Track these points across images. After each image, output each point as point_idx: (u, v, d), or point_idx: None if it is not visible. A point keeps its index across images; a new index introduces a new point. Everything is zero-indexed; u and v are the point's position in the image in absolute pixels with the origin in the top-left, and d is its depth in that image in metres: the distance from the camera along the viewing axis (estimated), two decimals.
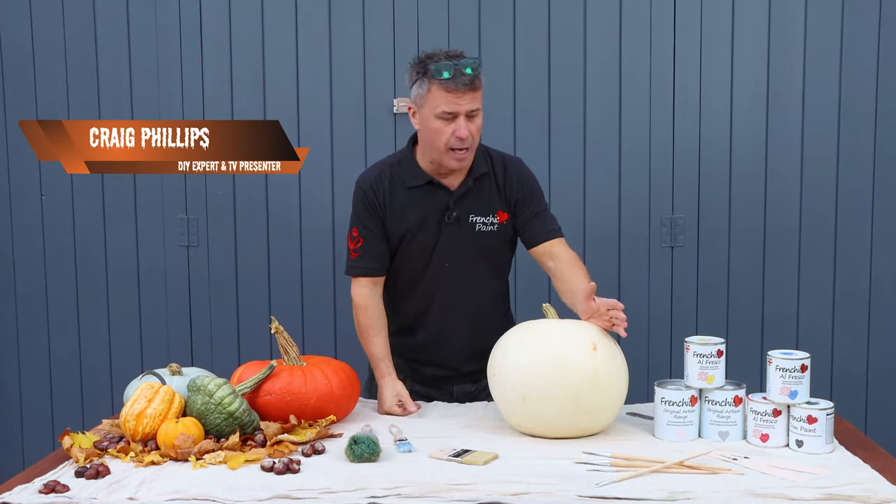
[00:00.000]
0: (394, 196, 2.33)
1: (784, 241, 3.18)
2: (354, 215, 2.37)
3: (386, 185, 2.34)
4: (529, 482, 1.67)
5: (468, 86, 2.18)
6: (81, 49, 3.27)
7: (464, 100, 2.19)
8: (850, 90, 3.13)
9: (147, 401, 1.89)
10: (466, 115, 2.21)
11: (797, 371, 1.89)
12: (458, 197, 2.33)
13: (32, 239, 3.37)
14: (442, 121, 2.21)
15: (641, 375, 2.93)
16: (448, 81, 2.17)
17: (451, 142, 2.22)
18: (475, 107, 2.22)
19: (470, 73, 2.18)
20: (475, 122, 2.24)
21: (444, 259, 2.34)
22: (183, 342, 3.33)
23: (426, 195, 2.33)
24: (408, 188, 2.33)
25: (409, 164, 2.35)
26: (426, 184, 2.32)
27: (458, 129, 2.21)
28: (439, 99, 2.20)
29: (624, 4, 3.14)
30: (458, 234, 2.33)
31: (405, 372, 2.42)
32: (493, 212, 2.36)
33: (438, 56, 2.22)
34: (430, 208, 2.33)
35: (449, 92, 2.18)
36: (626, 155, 3.18)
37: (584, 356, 1.93)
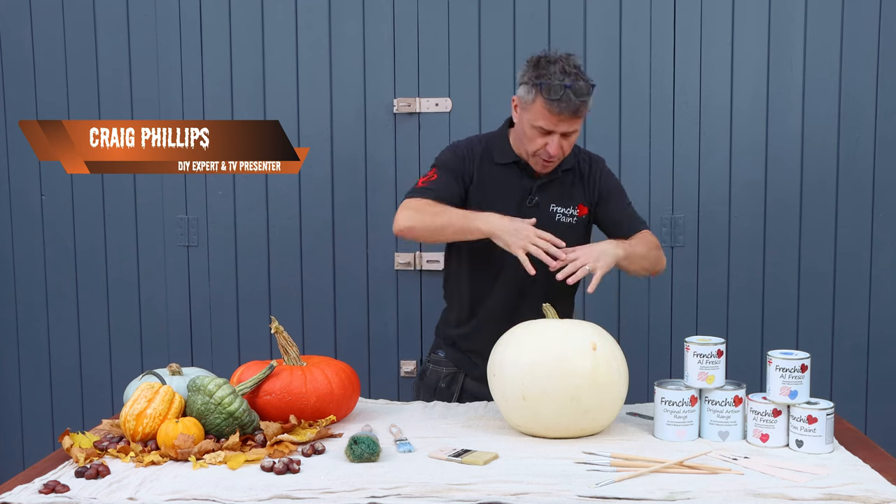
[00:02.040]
0: (482, 167, 2.35)
1: (784, 241, 3.18)
2: (440, 159, 2.36)
3: (477, 155, 2.35)
4: (529, 482, 1.67)
5: (572, 113, 2.18)
6: (81, 49, 3.27)
7: (563, 122, 2.20)
8: (850, 90, 3.13)
9: (147, 401, 1.89)
10: (562, 133, 2.22)
11: (797, 371, 1.89)
12: (542, 184, 2.35)
13: (32, 239, 3.37)
14: (537, 132, 2.23)
15: (641, 375, 2.94)
16: (553, 103, 2.17)
17: (541, 152, 2.25)
18: (573, 129, 2.23)
19: (577, 100, 2.16)
20: (569, 140, 2.26)
21: None
22: (183, 342, 3.33)
23: (511, 175, 2.35)
24: (495, 164, 2.35)
25: (502, 142, 2.37)
26: (513, 163, 2.34)
27: (549, 144, 2.23)
28: (540, 114, 2.20)
29: (624, 4, 3.14)
30: (537, 219, 2.29)
31: (461, 365, 2.44)
32: (574, 204, 2.38)
33: (553, 70, 2.17)
34: (512, 189, 2.34)
35: (551, 113, 2.18)
36: (625, 155, 3.18)
37: (584, 356, 1.93)
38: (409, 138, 3.20)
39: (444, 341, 2.50)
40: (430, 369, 2.51)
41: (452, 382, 2.46)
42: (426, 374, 2.51)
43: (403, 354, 3.26)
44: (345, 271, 3.26)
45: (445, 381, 2.46)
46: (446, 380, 2.46)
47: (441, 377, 2.47)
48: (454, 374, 2.46)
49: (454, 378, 2.46)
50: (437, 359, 2.51)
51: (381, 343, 3.27)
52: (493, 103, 3.17)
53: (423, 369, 2.54)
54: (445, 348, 2.49)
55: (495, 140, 2.39)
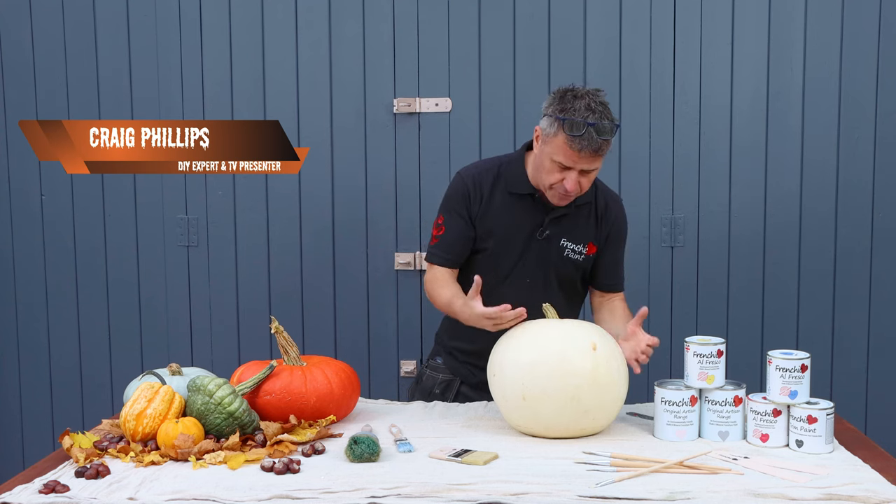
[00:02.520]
0: (493, 195, 2.31)
1: (784, 241, 3.18)
2: (445, 204, 2.36)
3: (489, 182, 2.31)
4: (529, 482, 1.67)
5: (594, 152, 2.13)
6: (81, 49, 3.27)
7: (584, 160, 2.15)
8: (850, 90, 3.13)
9: (147, 401, 1.89)
10: (581, 170, 2.17)
11: (797, 371, 1.89)
12: (555, 217, 2.31)
13: (32, 239, 3.37)
14: (556, 166, 2.18)
15: (641, 375, 2.92)
16: (575, 140, 2.11)
17: (557, 187, 2.20)
18: (594, 167, 2.18)
19: (600, 139, 2.11)
20: (588, 177, 2.21)
21: (526, 274, 2.32)
22: (183, 342, 3.33)
23: (524, 205, 2.31)
24: (509, 193, 2.31)
25: (518, 170, 2.32)
26: (527, 195, 2.30)
27: (567, 180, 2.17)
28: (560, 149, 2.14)
29: (624, 4, 3.14)
30: (546, 252, 2.31)
31: (458, 373, 2.43)
32: (585, 241, 2.35)
33: (578, 107, 2.11)
34: (524, 219, 2.31)
35: (572, 150, 2.13)
36: (625, 155, 3.18)
37: (583, 356, 1.93)
38: (409, 138, 3.20)
39: (443, 349, 2.49)
40: (427, 374, 2.50)
41: (447, 389, 2.45)
42: (423, 379, 2.51)
43: (403, 354, 3.26)
44: (345, 271, 3.26)
45: (440, 388, 2.45)
46: (441, 386, 2.45)
47: (437, 383, 2.46)
48: (450, 381, 2.45)
49: (449, 385, 2.45)
50: (434, 365, 2.50)
51: (381, 343, 3.27)
52: (493, 103, 3.17)
53: (420, 374, 2.54)
54: (444, 356, 2.48)
55: (512, 168, 2.33)
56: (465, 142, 3.17)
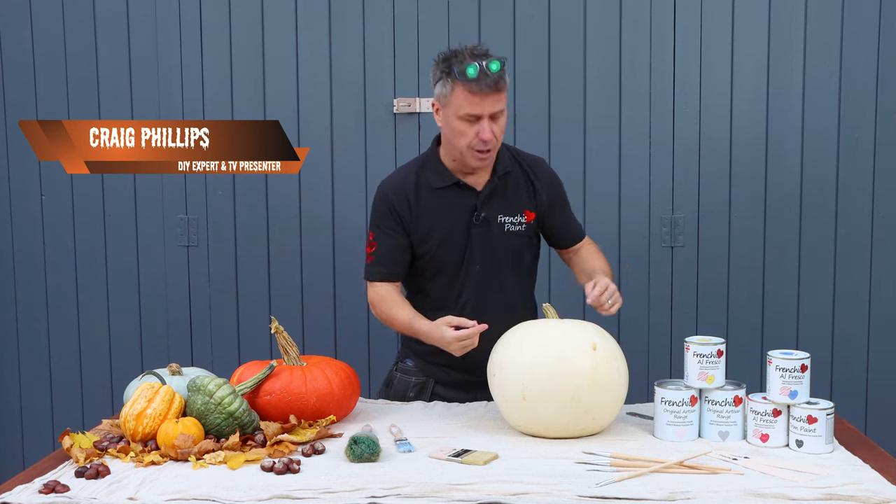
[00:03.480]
0: (419, 199, 2.30)
1: (784, 240, 3.18)
2: (373, 220, 2.35)
3: (411, 189, 2.30)
4: (529, 482, 1.67)
5: (492, 88, 2.13)
6: (81, 49, 3.27)
7: (487, 101, 2.14)
8: (850, 89, 3.13)
9: (147, 401, 1.89)
10: (490, 116, 2.17)
11: (797, 371, 1.89)
12: (486, 197, 2.30)
13: (32, 239, 3.37)
14: (465, 122, 2.17)
15: (641, 375, 2.94)
16: (472, 83, 2.12)
17: (474, 143, 2.19)
18: (499, 108, 2.18)
19: (495, 73, 2.12)
20: (499, 123, 2.20)
21: (474, 261, 2.31)
22: (183, 342, 3.33)
23: (453, 196, 2.30)
24: (434, 189, 2.30)
25: (434, 165, 2.32)
26: (452, 185, 2.29)
27: (481, 131, 2.17)
28: (462, 100, 2.15)
29: (624, 4, 3.14)
30: (487, 234, 2.31)
31: (433, 375, 2.41)
32: (521, 211, 2.34)
33: (463, 55, 2.15)
34: (457, 210, 2.30)
35: (473, 94, 2.13)
36: (626, 155, 3.18)
37: (584, 356, 1.93)
38: (409, 138, 3.20)
39: (412, 352, 2.44)
40: (399, 378, 2.45)
41: (422, 391, 2.41)
42: (394, 383, 2.45)
43: None
44: (345, 271, 3.26)
45: (415, 391, 2.41)
46: (415, 389, 2.41)
47: (410, 386, 2.42)
48: (424, 383, 2.42)
49: (424, 387, 2.42)
50: (405, 368, 2.45)
51: (381, 343, 3.26)
52: None
53: (390, 378, 2.48)
54: (415, 359, 2.43)
55: (428, 164, 2.32)
56: None
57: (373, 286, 2.36)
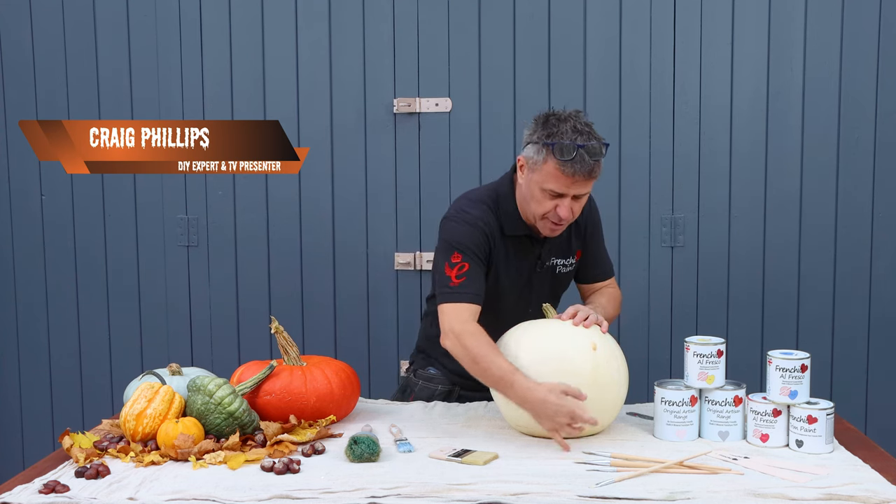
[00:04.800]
0: (497, 240, 2.21)
1: (784, 240, 3.18)
2: (459, 243, 2.15)
3: (496, 228, 2.20)
4: (529, 482, 1.68)
5: (586, 175, 2.04)
6: (81, 49, 3.27)
7: (577, 185, 2.06)
8: (850, 90, 3.13)
9: (147, 401, 1.89)
10: (573, 196, 2.09)
11: (797, 371, 1.89)
12: (549, 245, 2.27)
13: (32, 239, 3.37)
14: (548, 195, 2.09)
15: (641, 375, 2.93)
16: (566, 164, 2.02)
17: (551, 215, 2.11)
18: (586, 191, 2.11)
19: (591, 161, 2.03)
20: (580, 202, 2.12)
21: (528, 304, 2.27)
22: (183, 342, 3.33)
23: (523, 243, 2.24)
24: (506, 235, 2.22)
25: (508, 207, 2.21)
26: (524, 235, 2.23)
27: (560, 208, 2.09)
28: (552, 176, 2.05)
29: (624, 4, 3.14)
30: (543, 280, 2.28)
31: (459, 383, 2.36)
32: (573, 253, 2.31)
33: (566, 130, 2.04)
34: (524, 258, 2.25)
35: (564, 175, 2.04)
36: (625, 155, 3.18)
37: (584, 356, 1.93)
38: (409, 138, 3.20)
39: (435, 360, 2.39)
40: (420, 386, 2.40)
41: (448, 397, 2.37)
42: (414, 390, 2.40)
43: (403, 354, 3.25)
44: (345, 271, 3.26)
45: (440, 398, 2.36)
46: (440, 396, 2.37)
47: (435, 394, 2.37)
48: (449, 391, 2.37)
49: (450, 394, 2.37)
50: (427, 375, 2.40)
51: (381, 343, 3.27)
52: (493, 103, 3.17)
53: (407, 385, 2.43)
54: (438, 366, 2.39)
55: (504, 208, 2.21)
56: (465, 142, 3.17)
57: (459, 309, 2.09)
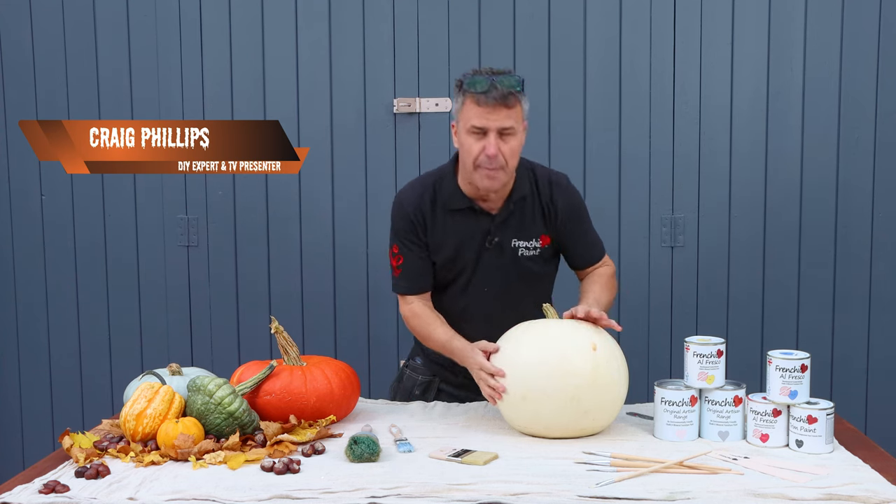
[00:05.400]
0: (435, 216, 2.26)
1: (784, 240, 3.18)
2: (394, 233, 2.30)
3: (427, 206, 2.26)
4: (529, 482, 1.67)
5: (499, 100, 2.08)
6: (81, 49, 3.27)
7: (495, 116, 2.09)
8: (850, 90, 3.13)
9: (147, 401, 1.89)
10: (499, 132, 2.11)
11: (797, 371, 1.89)
12: (500, 222, 2.26)
13: (32, 239, 3.37)
14: (473, 136, 2.13)
15: (641, 375, 2.93)
16: (480, 95, 2.09)
17: (481, 159, 2.13)
18: (508, 125, 2.11)
19: (504, 88, 2.09)
20: (508, 143, 2.13)
21: (483, 283, 2.29)
22: (183, 342, 3.33)
23: (467, 219, 2.26)
24: (448, 210, 2.26)
25: (450, 184, 2.27)
26: (467, 208, 2.25)
27: (487, 146, 2.11)
28: (471, 113, 2.11)
29: (624, 4, 3.14)
30: (499, 258, 2.28)
31: (437, 374, 2.42)
32: (536, 236, 2.29)
33: (478, 71, 2.14)
34: (470, 232, 2.26)
35: (480, 106, 2.09)
36: (625, 155, 3.18)
37: (584, 356, 1.93)
38: (409, 138, 3.20)
39: (421, 350, 2.46)
40: (407, 375, 2.48)
41: (427, 390, 2.43)
42: (403, 379, 2.48)
43: (403, 354, 3.24)
44: (345, 271, 3.26)
45: (420, 388, 2.43)
46: (421, 387, 2.43)
47: (416, 384, 2.43)
48: (429, 382, 2.43)
49: (429, 385, 2.43)
50: (414, 365, 2.48)
51: (381, 343, 3.27)
52: None
53: (401, 374, 2.51)
54: (422, 357, 2.46)
55: (444, 185, 2.27)
56: None
57: (404, 300, 2.32)
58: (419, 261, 2.28)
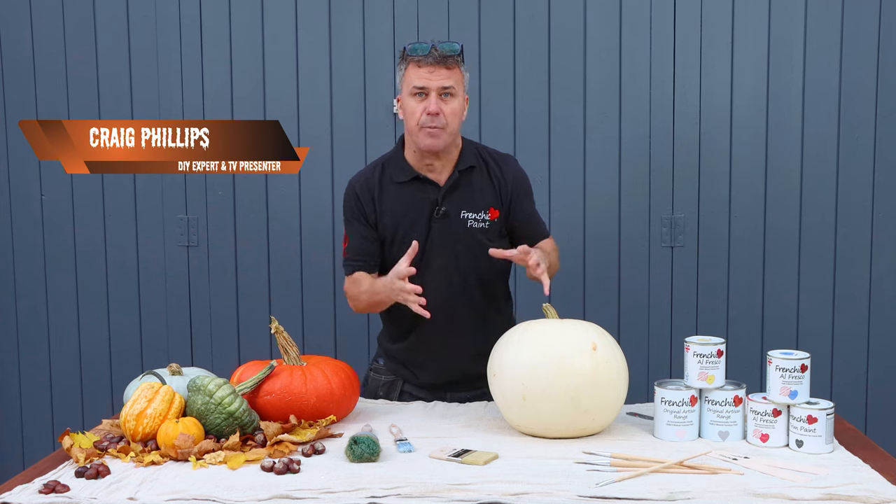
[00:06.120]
0: (383, 193, 2.35)
1: (784, 240, 3.19)
2: (344, 216, 2.40)
3: (375, 183, 2.36)
4: (529, 482, 1.67)
5: (439, 61, 2.21)
6: (81, 49, 3.27)
7: (435, 76, 2.22)
8: (850, 90, 3.13)
9: (147, 401, 1.89)
10: (439, 93, 2.23)
11: (797, 371, 1.89)
12: (447, 191, 2.33)
13: (32, 239, 3.37)
14: (415, 98, 2.24)
15: (641, 375, 2.94)
16: (421, 58, 2.22)
17: (422, 119, 2.23)
18: (448, 84, 2.23)
19: (443, 51, 2.21)
20: (448, 104, 2.25)
21: (435, 255, 2.33)
22: (183, 342, 3.33)
23: (414, 190, 2.34)
24: (396, 184, 2.34)
25: (398, 160, 2.37)
26: (413, 179, 2.33)
27: (428, 105, 2.22)
28: (412, 75, 2.24)
29: (624, 4, 3.14)
30: (448, 229, 2.33)
31: (400, 374, 2.44)
32: (485, 208, 2.35)
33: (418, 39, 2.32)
34: (419, 204, 2.33)
35: (420, 67, 2.22)
36: (625, 155, 3.18)
37: (584, 356, 1.93)
38: None
39: (384, 351, 2.49)
40: (371, 377, 2.50)
41: (391, 390, 2.45)
42: (368, 382, 2.50)
43: None
44: None
45: (384, 389, 2.45)
46: (384, 388, 2.45)
47: (380, 385, 2.46)
48: (392, 382, 2.45)
49: (392, 385, 2.45)
50: (377, 367, 2.50)
51: None
52: (492, 103, 3.17)
53: (367, 377, 2.53)
54: (385, 358, 2.48)
55: (391, 161, 2.38)
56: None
57: (348, 281, 2.40)
58: (365, 239, 2.35)
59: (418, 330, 2.37)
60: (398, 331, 2.42)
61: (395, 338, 2.44)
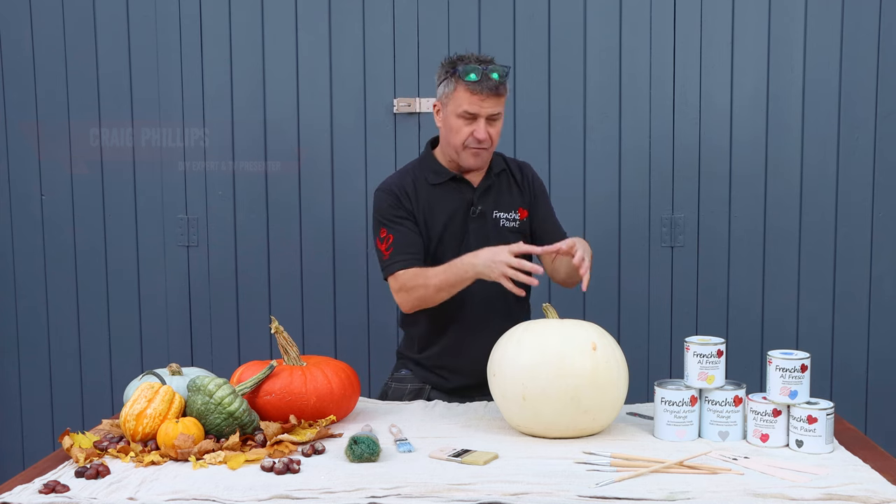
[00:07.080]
0: (419, 196, 2.37)
1: (784, 240, 3.19)
2: (379, 219, 2.37)
3: (411, 187, 2.38)
4: (529, 482, 1.67)
5: (492, 91, 2.25)
6: (81, 49, 3.27)
7: (486, 103, 2.26)
8: (850, 90, 3.13)
9: (147, 401, 1.89)
10: (487, 118, 2.28)
11: (797, 371, 1.89)
12: (482, 192, 2.39)
13: (32, 239, 3.37)
14: (463, 120, 2.28)
15: (641, 375, 2.94)
16: (474, 84, 2.25)
17: (469, 141, 2.29)
18: (497, 111, 2.29)
19: (496, 79, 2.24)
20: (495, 127, 2.31)
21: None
22: (183, 342, 3.33)
23: (450, 191, 2.38)
24: (431, 185, 2.38)
25: (431, 163, 2.41)
26: (449, 180, 2.38)
27: (477, 130, 2.28)
28: (463, 99, 2.27)
29: (624, 5, 3.14)
30: (483, 228, 2.38)
31: (428, 380, 2.44)
32: (515, 208, 2.43)
33: (469, 59, 2.29)
34: (454, 204, 2.38)
35: (473, 94, 2.25)
36: (626, 155, 3.18)
37: (584, 356, 1.93)
38: (409, 138, 3.20)
39: (410, 361, 2.47)
40: (393, 388, 2.47)
41: (418, 396, 2.43)
42: (388, 394, 2.47)
43: None
44: (345, 271, 3.26)
45: (409, 396, 2.43)
46: (410, 395, 2.43)
47: (405, 393, 2.44)
48: (420, 389, 2.44)
49: (419, 393, 2.43)
50: (400, 377, 2.48)
51: (381, 343, 3.27)
52: None
53: (385, 390, 2.50)
54: (412, 367, 2.46)
55: (424, 164, 2.42)
56: None
57: (395, 278, 2.32)
58: (410, 233, 2.34)
59: (452, 330, 2.38)
60: (431, 335, 2.41)
61: (426, 343, 2.43)
